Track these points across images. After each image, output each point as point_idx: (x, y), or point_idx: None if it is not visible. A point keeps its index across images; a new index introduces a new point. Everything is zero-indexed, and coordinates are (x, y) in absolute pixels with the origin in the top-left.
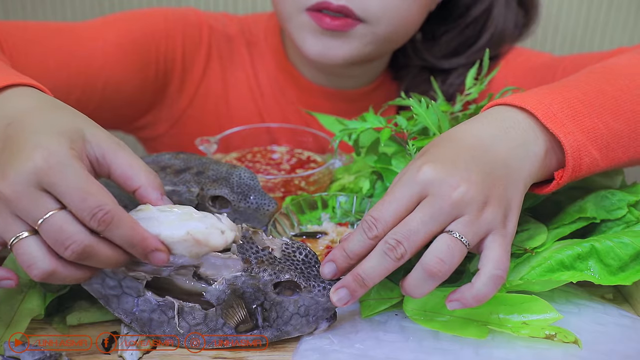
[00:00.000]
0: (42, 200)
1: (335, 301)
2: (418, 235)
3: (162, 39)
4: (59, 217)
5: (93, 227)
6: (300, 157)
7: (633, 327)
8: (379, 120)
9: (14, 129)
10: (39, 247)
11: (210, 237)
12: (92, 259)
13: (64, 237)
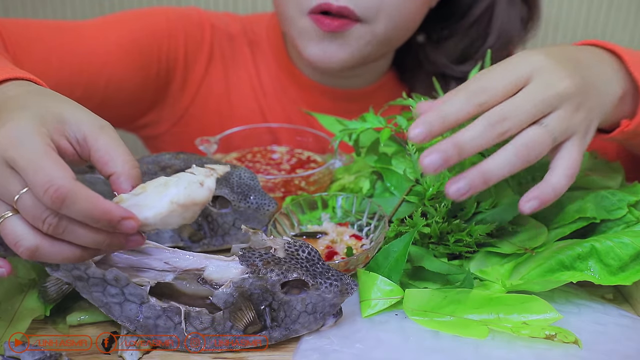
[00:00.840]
0: (13, 178)
1: (426, 164)
2: (524, 115)
3: (164, 37)
4: (29, 195)
5: (48, 204)
6: (300, 157)
7: (633, 327)
8: (378, 121)
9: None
10: (23, 225)
11: (193, 195)
12: (72, 233)
13: (38, 212)
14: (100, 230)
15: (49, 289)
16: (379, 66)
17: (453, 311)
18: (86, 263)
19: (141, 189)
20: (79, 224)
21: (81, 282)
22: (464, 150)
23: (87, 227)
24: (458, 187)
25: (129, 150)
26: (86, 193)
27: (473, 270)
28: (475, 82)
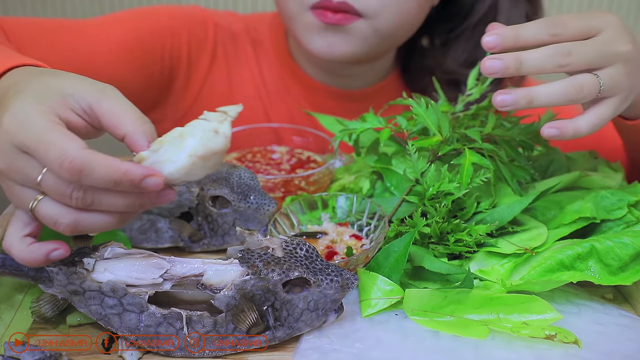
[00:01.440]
0: (29, 163)
1: (486, 66)
2: (586, 58)
3: (167, 36)
4: (49, 174)
5: (67, 178)
6: (300, 157)
7: (633, 327)
8: (378, 121)
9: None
10: (55, 204)
11: (210, 144)
12: (101, 202)
13: (62, 190)
14: (127, 193)
15: (43, 308)
16: (382, 67)
17: (453, 311)
18: (81, 277)
19: (158, 144)
20: (105, 192)
21: (77, 297)
22: (524, 66)
23: (113, 193)
24: (503, 98)
25: (136, 108)
26: (102, 159)
27: (473, 270)
28: (552, 18)
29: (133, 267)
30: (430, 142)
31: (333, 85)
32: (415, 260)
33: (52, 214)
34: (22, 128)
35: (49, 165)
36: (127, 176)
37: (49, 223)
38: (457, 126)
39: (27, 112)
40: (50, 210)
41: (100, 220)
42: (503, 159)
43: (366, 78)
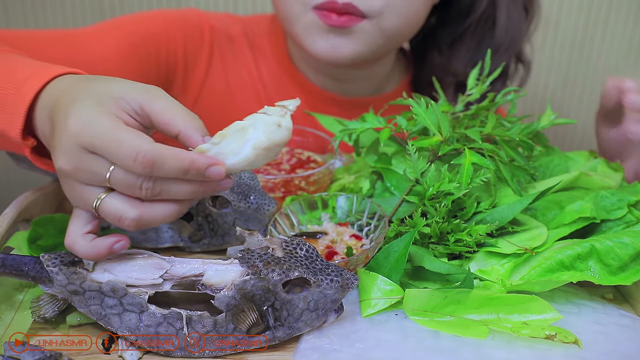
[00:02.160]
0: (96, 161)
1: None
2: None
3: (162, 41)
4: (118, 169)
5: (139, 171)
6: (300, 157)
7: (633, 327)
8: (378, 121)
9: (54, 114)
10: (120, 199)
11: (274, 137)
12: (168, 191)
13: (132, 182)
14: (192, 181)
15: (43, 308)
16: (383, 71)
17: (453, 311)
18: (81, 277)
19: (220, 137)
20: (172, 181)
21: (77, 297)
22: None
23: (179, 181)
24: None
25: (183, 106)
26: (170, 150)
27: (473, 270)
28: None
29: (133, 267)
30: (430, 142)
31: (334, 91)
32: (415, 260)
33: (117, 210)
34: (89, 129)
35: (121, 160)
36: (194, 165)
37: (113, 219)
38: (457, 126)
39: (91, 114)
40: (115, 206)
41: (163, 210)
42: (503, 159)
43: (367, 83)
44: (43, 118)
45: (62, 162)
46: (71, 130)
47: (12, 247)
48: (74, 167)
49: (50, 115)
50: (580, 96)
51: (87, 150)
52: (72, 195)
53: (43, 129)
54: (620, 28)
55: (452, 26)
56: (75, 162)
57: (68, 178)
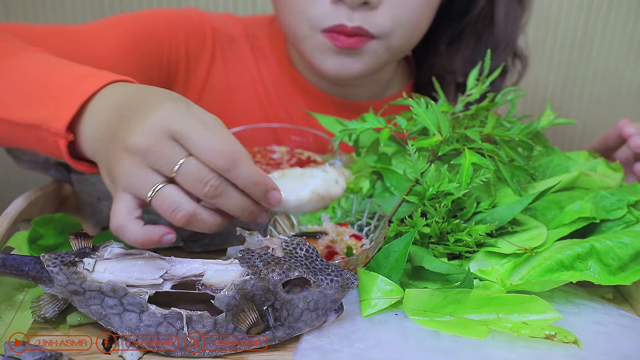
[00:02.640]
0: (175, 148)
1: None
2: None
3: (164, 39)
4: (193, 160)
5: (222, 165)
6: (300, 157)
7: (633, 327)
8: (378, 121)
9: (128, 105)
10: (179, 192)
11: (331, 189)
12: (227, 197)
13: (201, 175)
14: (249, 198)
15: (43, 308)
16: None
17: (453, 311)
18: (81, 277)
19: (281, 174)
20: (235, 189)
21: (78, 297)
22: None
23: (240, 193)
24: None
25: None
26: (251, 161)
27: (473, 270)
28: None
29: (133, 267)
30: (430, 142)
31: (335, 95)
32: (415, 260)
33: (175, 200)
34: (181, 118)
35: (206, 150)
36: (264, 181)
37: (167, 208)
38: (457, 126)
39: (182, 106)
40: (174, 196)
41: (213, 218)
42: (503, 159)
43: (368, 88)
44: (102, 111)
45: (139, 139)
46: (164, 115)
47: (13, 247)
48: (150, 146)
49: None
50: (580, 96)
51: (171, 137)
52: (128, 178)
53: (97, 122)
54: (620, 28)
55: (451, 24)
56: (154, 142)
57: (134, 157)
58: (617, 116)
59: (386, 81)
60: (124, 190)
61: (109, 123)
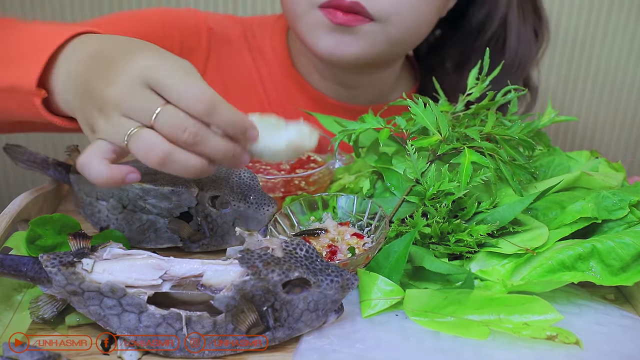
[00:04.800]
0: (152, 97)
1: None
2: None
3: (158, 40)
4: (171, 107)
5: (200, 110)
6: (301, 157)
7: (634, 327)
8: (377, 121)
9: (103, 57)
10: (155, 134)
11: (304, 142)
12: (207, 142)
13: (180, 121)
14: (229, 141)
15: (42, 309)
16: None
17: (454, 312)
18: (80, 278)
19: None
20: (214, 134)
21: (76, 297)
22: None
23: (219, 137)
24: None
25: None
26: (228, 103)
27: (474, 270)
28: None
29: (132, 268)
30: (430, 141)
31: (337, 98)
32: (416, 260)
33: (150, 141)
34: (159, 67)
35: (184, 96)
36: (243, 118)
37: (141, 149)
38: (457, 125)
39: (161, 55)
40: (149, 137)
41: (192, 160)
42: (503, 158)
43: (371, 90)
44: (73, 66)
45: (116, 90)
46: (140, 65)
47: (11, 247)
48: (126, 96)
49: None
50: (580, 96)
51: (147, 86)
52: (105, 127)
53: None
54: (620, 28)
55: (462, 45)
56: (130, 92)
57: (112, 107)
58: (619, 116)
59: (390, 85)
60: (99, 137)
61: (84, 76)
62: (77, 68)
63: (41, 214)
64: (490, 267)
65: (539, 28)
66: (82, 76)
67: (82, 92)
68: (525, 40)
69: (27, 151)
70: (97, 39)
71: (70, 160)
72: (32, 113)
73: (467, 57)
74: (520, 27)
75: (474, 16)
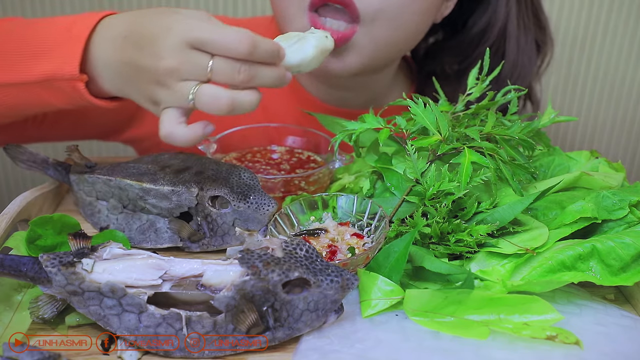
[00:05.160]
0: (200, 54)
1: None
2: None
3: None
4: (219, 58)
5: (244, 51)
6: (300, 157)
7: (634, 327)
8: (377, 121)
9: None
10: (214, 86)
11: (326, 43)
12: (258, 74)
13: (232, 67)
14: (273, 67)
15: (42, 309)
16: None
17: (454, 312)
18: (80, 278)
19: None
20: (260, 65)
21: (76, 297)
22: None
23: (264, 67)
24: None
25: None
26: (261, 37)
27: (474, 270)
28: None
29: (132, 268)
30: (430, 141)
31: (330, 102)
32: (416, 260)
33: (214, 93)
34: (197, 27)
35: (227, 45)
36: (278, 46)
37: (208, 101)
38: (457, 125)
39: (191, 16)
40: (211, 90)
41: (251, 96)
42: (503, 158)
43: (364, 93)
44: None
45: (168, 61)
46: (178, 29)
47: (11, 247)
48: (179, 61)
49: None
50: (580, 96)
51: (192, 47)
52: (165, 95)
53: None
54: (620, 28)
55: (461, 53)
56: (181, 57)
57: (169, 77)
58: (619, 116)
59: (384, 88)
60: (165, 107)
61: (125, 59)
62: (114, 53)
63: (41, 214)
64: (490, 267)
65: (541, 39)
66: (122, 59)
67: (131, 73)
68: (525, 52)
69: (27, 151)
70: (119, 20)
71: (70, 160)
72: (68, 98)
73: (466, 66)
74: (520, 38)
75: (474, 25)
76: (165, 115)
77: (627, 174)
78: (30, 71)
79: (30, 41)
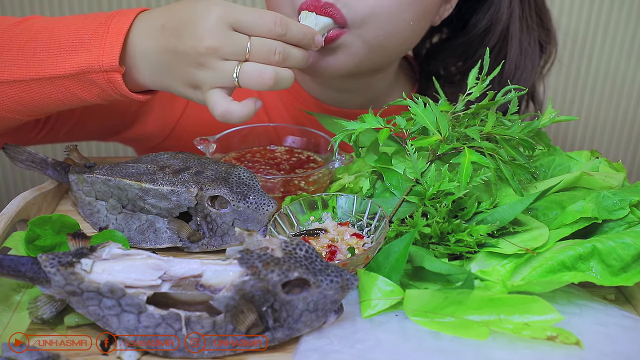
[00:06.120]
0: (238, 35)
1: None
2: None
3: None
4: (256, 38)
5: (279, 31)
6: (300, 157)
7: (635, 328)
8: (377, 121)
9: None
10: (256, 64)
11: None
12: (291, 55)
13: (269, 46)
14: (302, 49)
15: (41, 309)
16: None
17: (454, 312)
18: (79, 278)
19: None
20: (292, 47)
21: (75, 297)
22: None
23: (297, 48)
24: None
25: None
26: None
27: (474, 270)
28: None
29: (131, 268)
30: (430, 141)
31: (329, 103)
32: (416, 260)
33: (257, 69)
34: (233, 9)
35: (263, 26)
36: (310, 30)
37: (253, 78)
38: (457, 125)
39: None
40: (254, 67)
41: (288, 73)
42: (503, 158)
43: (364, 94)
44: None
45: (209, 41)
46: (217, 13)
47: (10, 247)
48: (221, 42)
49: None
50: (580, 96)
51: (231, 28)
52: (211, 77)
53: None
54: (620, 28)
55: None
56: (222, 37)
57: (211, 57)
58: (619, 116)
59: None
60: (211, 88)
61: (163, 48)
62: (153, 43)
63: (40, 214)
64: (490, 267)
65: (545, 40)
66: (161, 48)
67: (169, 61)
68: (528, 52)
69: (26, 151)
70: (154, 13)
71: (69, 160)
72: (100, 91)
73: (467, 68)
74: (523, 38)
75: (476, 26)
76: (215, 95)
77: (628, 173)
78: (61, 65)
79: (61, 36)
